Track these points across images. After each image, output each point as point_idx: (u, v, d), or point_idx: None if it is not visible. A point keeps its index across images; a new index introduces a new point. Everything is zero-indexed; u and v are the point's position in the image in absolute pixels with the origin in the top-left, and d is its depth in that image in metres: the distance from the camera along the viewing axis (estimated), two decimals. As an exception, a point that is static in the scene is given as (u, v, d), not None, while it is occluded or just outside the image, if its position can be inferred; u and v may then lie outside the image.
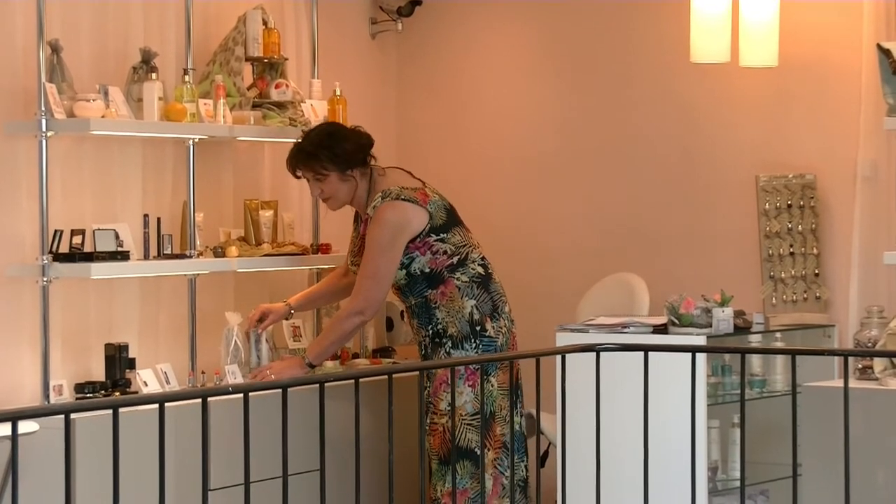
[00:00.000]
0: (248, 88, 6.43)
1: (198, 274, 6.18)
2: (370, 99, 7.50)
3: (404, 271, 5.80)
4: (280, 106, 6.45)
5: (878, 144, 6.53)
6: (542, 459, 6.42)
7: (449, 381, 5.47)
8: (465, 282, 5.82)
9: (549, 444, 6.46)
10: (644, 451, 4.79)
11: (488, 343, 5.78)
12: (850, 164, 6.62)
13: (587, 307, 6.85)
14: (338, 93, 6.67)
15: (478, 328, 5.79)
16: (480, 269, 5.87)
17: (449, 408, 5.56)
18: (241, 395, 3.91)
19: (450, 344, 5.78)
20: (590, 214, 7.32)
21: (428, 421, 5.75)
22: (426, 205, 5.85)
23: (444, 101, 7.69)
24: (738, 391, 4.90)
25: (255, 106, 6.41)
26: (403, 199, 5.82)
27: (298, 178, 6.01)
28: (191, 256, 6.10)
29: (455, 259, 5.83)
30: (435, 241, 5.82)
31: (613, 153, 7.26)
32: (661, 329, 6.08)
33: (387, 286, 5.80)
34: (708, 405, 5.97)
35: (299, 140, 6.02)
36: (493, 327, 5.83)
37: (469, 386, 5.69)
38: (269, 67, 6.50)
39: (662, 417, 4.94)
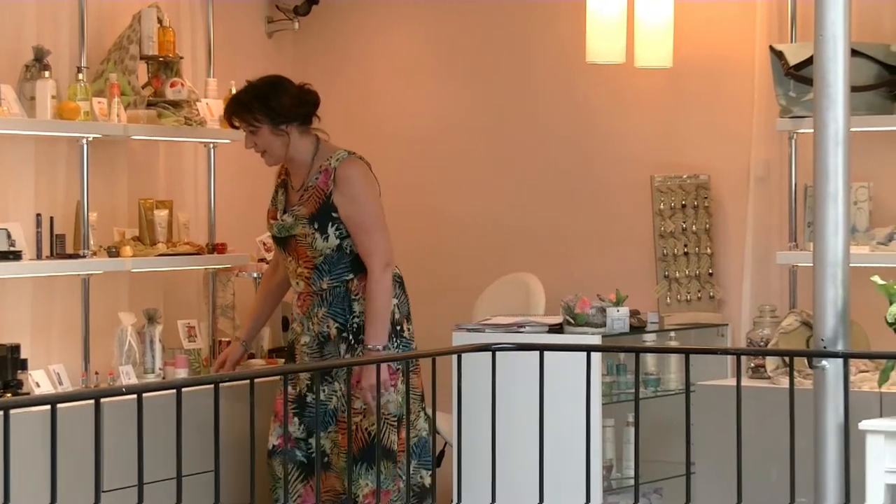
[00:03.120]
0: (143, 87, 6.39)
1: (91, 274, 6.15)
2: (267, 98, 7.47)
3: (337, 241, 5.64)
4: (175, 105, 6.41)
5: (771, 145, 6.60)
6: (439, 459, 6.43)
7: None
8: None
9: (446, 443, 6.48)
10: (539, 450, 4.82)
11: (406, 344, 5.73)
12: (744, 164, 6.69)
13: (483, 307, 6.87)
14: (234, 91, 6.63)
15: (398, 328, 5.72)
16: (398, 270, 5.81)
17: (364, 407, 5.57)
18: (134, 395, 3.89)
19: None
20: (485, 214, 7.34)
21: (337, 416, 5.63)
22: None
23: (340, 100, 7.66)
24: (633, 390, 4.94)
25: (149, 105, 6.37)
26: (364, 162, 5.80)
27: (236, 127, 5.87)
28: (84, 256, 6.06)
29: None
30: None
31: (510, 153, 7.29)
32: (556, 328, 6.11)
33: (389, 233, 5.70)
34: (603, 404, 6.02)
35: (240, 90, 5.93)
36: (409, 330, 5.79)
37: (391, 386, 5.63)
38: (165, 66, 6.46)
39: (558, 416, 4.97)
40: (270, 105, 5.71)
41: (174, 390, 4.03)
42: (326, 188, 5.67)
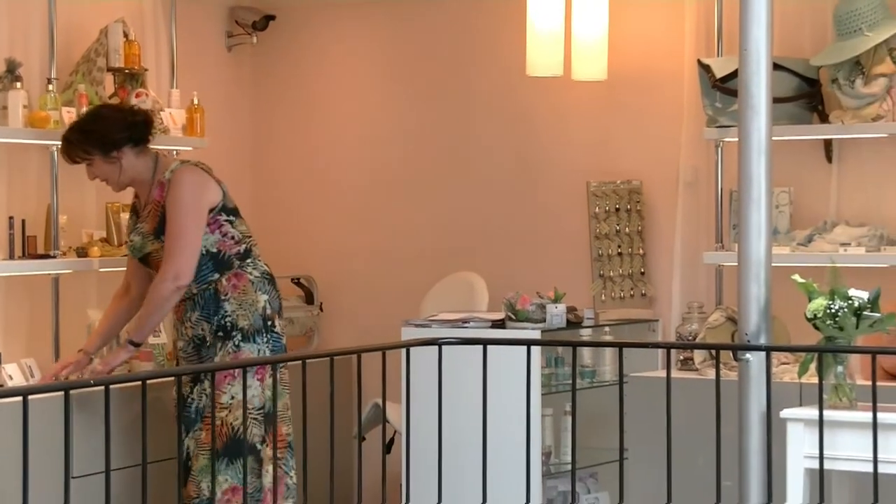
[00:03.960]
0: (110, 97, 6.34)
1: (61, 273, 6.12)
2: (227, 108, 7.45)
3: None
4: (141, 114, 6.37)
5: (699, 152, 6.62)
6: (388, 446, 6.42)
7: (234, 374, 5.24)
8: (258, 276, 5.46)
9: (395, 431, 6.47)
10: (483, 438, 4.82)
11: (277, 339, 5.47)
12: (673, 170, 6.71)
13: (430, 304, 6.87)
14: (195, 102, 6.62)
15: (269, 323, 5.44)
16: (267, 267, 5.55)
17: (231, 401, 5.34)
18: (102, 387, 3.87)
19: (240, 337, 5.38)
20: (433, 217, 7.33)
21: (203, 414, 5.34)
22: (220, 183, 5.51)
23: (296, 110, 7.66)
24: (570, 381, 4.94)
25: (114, 115, 6.33)
26: (202, 168, 5.51)
27: (77, 163, 5.58)
28: (54, 256, 6.03)
29: (242, 248, 5.47)
30: (225, 220, 5.45)
31: (455, 160, 7.29)
32: (498, 324, 6.12)
33: (197, 247, 5.33)
34: (542, 394, 6.03)
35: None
36: (280, 324, 5.52)
37: (257, 380, 5.36)
38: (130, 77, 6.42)
39: (500, 406, 4.97)
40: (94, 136, 5.45)
41: (139, 382, 4.01)
42: (162, 200, 5.43)
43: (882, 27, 5.99)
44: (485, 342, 4.88)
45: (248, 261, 5.48)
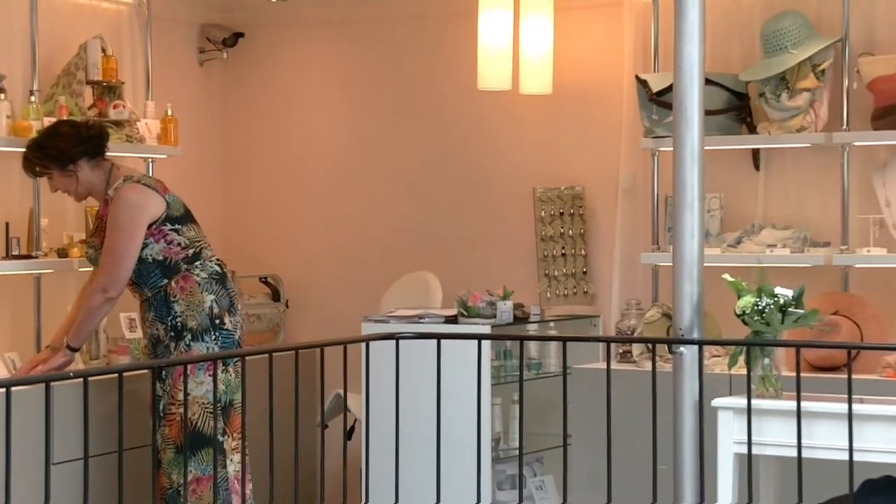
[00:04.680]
0: (89, 108, 6.30)
1: (43, 272, 6.07)
2: (199, 118, 7.42)
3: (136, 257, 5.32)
4: (118, 124, 6.33)
5: (637, 161, 6.64)
6: (349, 433, 6.41)
7: (189, 372, 5.11)
8: (205, 278, 5.35)
9: (356, 419, 6.45)
10: (437, 425, 4.81)
11: (227, 336, 5.37)
12: (613, 177, 6.72)
13: (389, 301, 6.85)
14: (169, 113, 6.58)
15: (217, 321, 5.34)
16: (217, 268, 5.40)
17: (188, 396, 5.17)
18: (80, 379, 3.84)
19: (190, 336, 5.30)
20: (392, 221, 7.32)
21: (164, 411, 5.28)
22: (165, 194, 5.38)
23: (263, 121, 7.63)
24: (518, 373, 4.94)
25: (94, 124, 6.29)
26: (144, 184, 5.37)
27: (39, 176, 5.56)
28: (36, 257, 5.98)
29: (190, 252, 5.35)
30: (170, 230, 5.33)
31: (412, 167, 7.28)
32: (452, 319, 6.11)
33: (128, 263, 5.25)
34: (492, 385, 6.03)
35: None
36: (231, 321, 5.40)
37: (209, 376, 5.24)
38: (108, 90, 6.37)
39: (453, 395, 4.96)
40: (50, 152, 5.38)
41: (116, 374, 3.98)
42: (107, 215, 5.38)
43: (806, 45, 6.02)
44: (439, 337, 4.87)
45: (197, 263, 5.37)
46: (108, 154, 5.51)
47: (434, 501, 4.81)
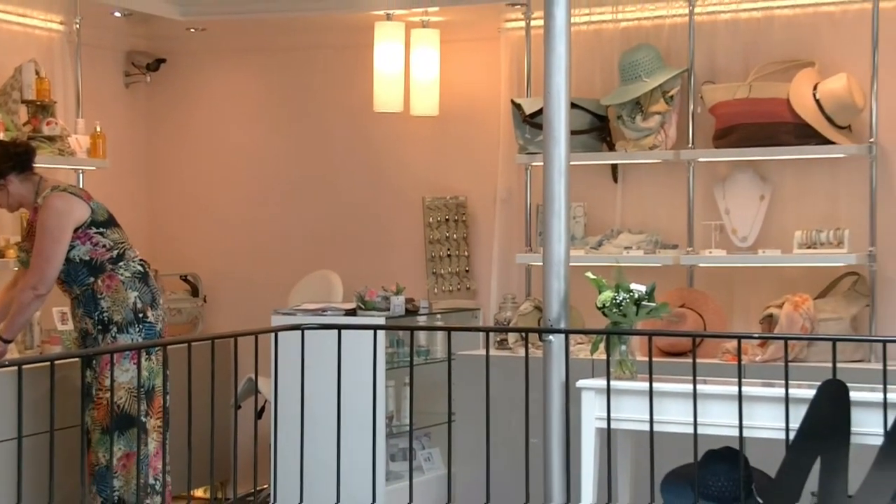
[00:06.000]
0: (24, 125, 6.15)
1: (-19, 272, 5.92)
2: (125, 134, 7.31)
3: (64, 259, 5.20)
4: (51, 139, 6.19)
5: (512, 174, 6.66)
6: (260, 413, 6.35)
7: (115, 362, 5.03)
8: (129, 276, 5.23)
9: (266, 401, 6.39)
10: (337, 405, 4.79)
11: (150, 328, 5.26)
12: (491, 188, 6.74)
13: (296, 296, 6.81)
14: (98, 129, 6.46)
15: (140, 315, 5.22)
16: (140, 268, 5.29)
17: (114, 383, 5.07)
18: (15, 367, 3.76)
19: (116, 329, 5.19)
20: (298, 225, 7.28)
21: (94, 395, 5.15)
22: (89, 202, 5.27)
23: (184, 136, 7.54)
24: (409, 359, 4.93)
25: (29, 139, 6.13)
26: (70, 193, 5.26)
27: None
28: (-24, 258, 5.83)
29: (114, 253, 5.23)
30: (95, 233, 5.21)
31: (316, 179, 7.24)
32: (351, 312, 6.08)
33: (56, 264, 5.13)
34: (386, 369, 6.01)
35: None
36: (153, 315, 5.30)
37: (134, 364, 5.10)
38: (42, 108, 6.23)
39: (352, 379, 4.94)
40: None
41: (49, 363, 3.90)
42: (36, 222, 5.26)
43: (657, 74, 6.09)
44: (339, 327, 4.85)
45: (121, 263, 5.27)
46: (37, 167, 5.39)
47: (335, 472, 4.79)
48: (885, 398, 3.91)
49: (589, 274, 4.61)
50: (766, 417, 4.12)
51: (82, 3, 6.48)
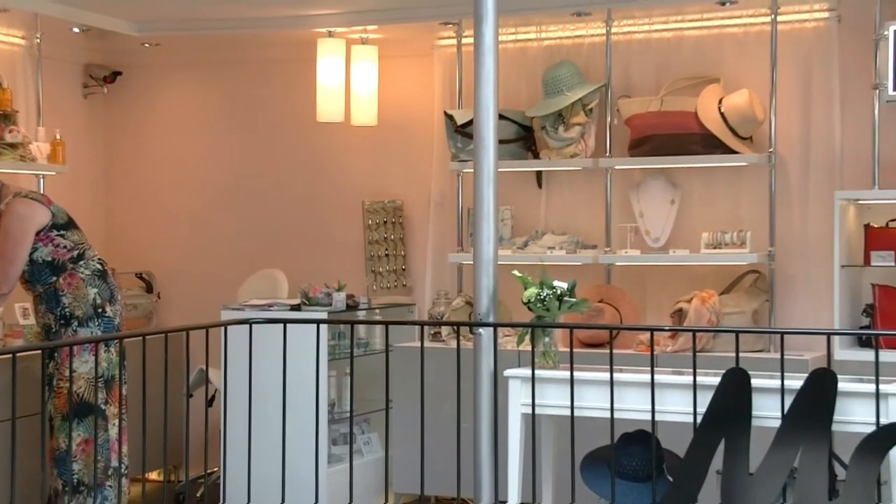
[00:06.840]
0: (-13, 133, 6.07)
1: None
2: (84, 141, 7.22)
3: (28, 259, 5.15)
4: (13, 146, 6.11)
5: (445, 180, 6.67)
6: (210, 401, 6.29)
7: (74, 353, 5.03)
8: (88, 274, 5.19)
9: (216, 390, 6.34)
10: (282, 393, 4.76)
11: (108, 322, 5.22)
12: (426, 193, 6.74)
13: (244, 292, 6.75)
14: (58, 137, 6.37)
15: (100, 310, 5.18)
16: (99, 266, 5.24)
17: (74, 373, 5.09)
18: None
19: (76, 323, 5.15)
20: (246, 226, 7.23)
21: (55, 385, 5.11)
22: (50, 206, 5.22)
23: (140, 144, 7.46)
24: (349, 350, 4.92)
25: (-8, 146, 6.06)
26: (31, 199, 5.20)
27: None
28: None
29: (75, 253, 5.18)
30: (56, 235, 5.17)
31: (263, 184, 7.20)
32: (296, 307, 6.05)
33: (18, 266, 5.10)
34: (328, 360, 5.99)
35: None
36: (112, 310, 5.25)
37: (93, 355, 5.03)
38: (4, 117, 6.14)
39: (297, 370, 4.92)
40: None
41: (11, 355, 3.83)
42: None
43: (578, 89, 6.13)
44: (285, 321, 4.82)
45: (81, 263, 5.21)
46: None
47: (280, 455, 4.76)
48: (782, 385, 3.97)
49: (515, 272, 4.63)
50: (676, 403, 4.16)
51: (43, 19, 6.39)
